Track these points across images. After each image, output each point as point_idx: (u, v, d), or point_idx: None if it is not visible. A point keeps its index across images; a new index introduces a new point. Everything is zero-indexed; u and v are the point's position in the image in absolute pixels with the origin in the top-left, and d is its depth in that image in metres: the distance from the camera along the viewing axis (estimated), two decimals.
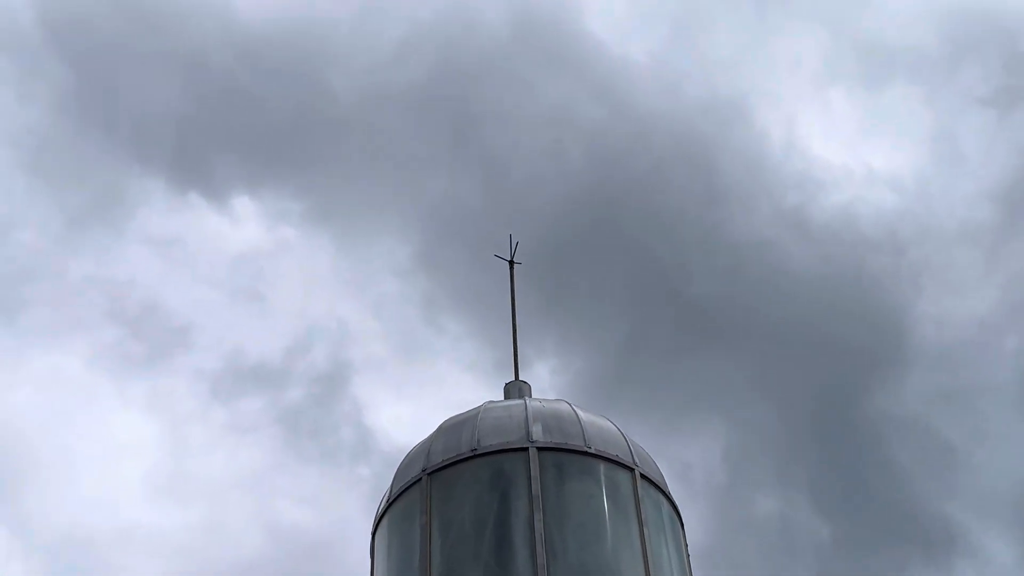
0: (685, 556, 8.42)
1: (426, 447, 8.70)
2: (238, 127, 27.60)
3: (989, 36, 28.30)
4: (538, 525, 7.80)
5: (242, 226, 28.37)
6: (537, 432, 8.38)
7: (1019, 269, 27.16)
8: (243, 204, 28.30)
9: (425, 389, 28.30)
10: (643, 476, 8.49)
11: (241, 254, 28.33)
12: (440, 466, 8.43)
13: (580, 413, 8.64)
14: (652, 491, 8.47)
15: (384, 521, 8.71)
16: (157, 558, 26.22)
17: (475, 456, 8.36)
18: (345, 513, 27.14)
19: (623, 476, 8.42)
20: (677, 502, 8.77)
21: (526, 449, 8.27)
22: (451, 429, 8.74)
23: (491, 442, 8.40)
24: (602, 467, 8.37)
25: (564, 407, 8.70)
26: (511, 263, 10.66)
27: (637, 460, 8.55)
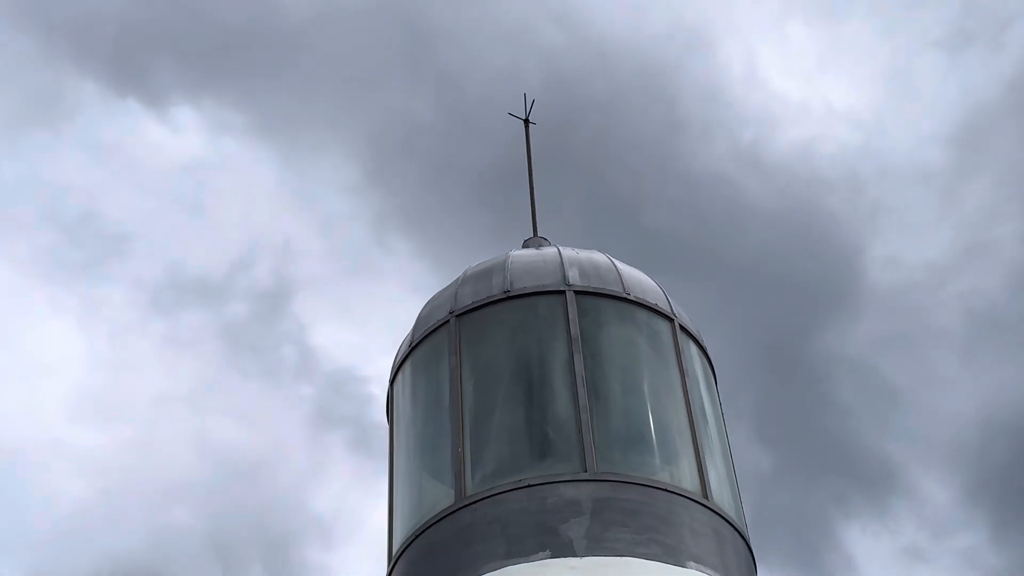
0: (720, 413, 8.01)
1: (451, 292, 8.16)
2: (183, 34, 26.37)
3: None
4: (578, 367, 7.33)
5: (183, 135, 27.20)
6: (574, 276, 7.89)
7: (971, 213, 27.24)
8: (184, 113, 27.01)
9: (372, 310, 27.68)
10: (682, 328, 8.06)
11: (183, 164, 27.17)
12: (469, 308, 7.90)
13: (616, 263, 8.15)
14: (691, 344, 8.04)
15: (405, 368, 8.17)
16: (81, 476, 25.32)
17: (508, 298, 7.84)
18: (282, 434, 26.50)
19: (662, 325, 7.98)
20: None
21: (563, 292, 7.77)
22: (478, 274, 8.21)
23: (524, 284, 7.89)
24: (642, 315, 7.91)
25: (599, 256, 8.22)
26: (526, 122, 10.12)
27: (676, 311, 8.10)
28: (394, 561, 7.26)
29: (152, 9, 25.98)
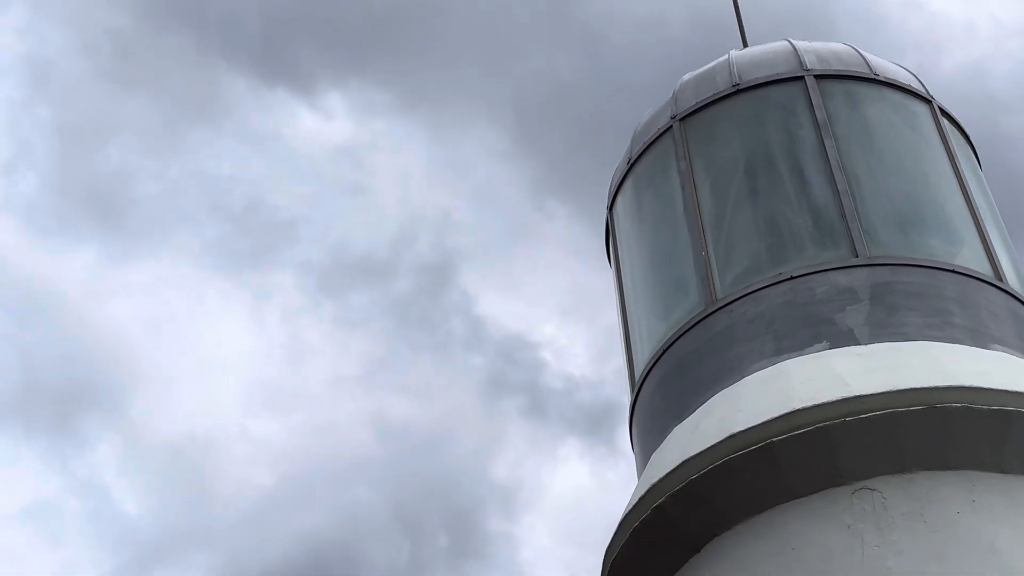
0: (994, 205, 6.93)
1: (669, 100, 7.28)
2: (323, 19, 25.86)
3: None
4: (831, 151, 6.38)
5: (333, 119, 26.74)
6: (811, 61, 6.93)
7: None
8: (332, 97, 26.63)
9: (535, 276, 26.88)
10: (943, 111, 7.02)
11: (336, 147, 26.75)
12: (694, 108, 7.02)
13: (859, 49, 7.14)
14: (953, 129, 6.99)
15: (625, 187, 7.35)
16: (264, 463, 25.27)
17: (738, 92, 6.93)
18: (456, 406, 25.96)
19: (920, 108, 6.95)
20: None
21: (801, 78, 6.82)
22: (697, 78, 7.32)
23: (755, 76, 6.97)
24: (895, 96, 6.91)
25: (838, 44, 7.22)
26: None
27: (932, 95, 7.07)
28: (638, 387, 6.48)
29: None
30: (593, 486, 25.86)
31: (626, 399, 6.71)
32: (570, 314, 27.36)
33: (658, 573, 5.59)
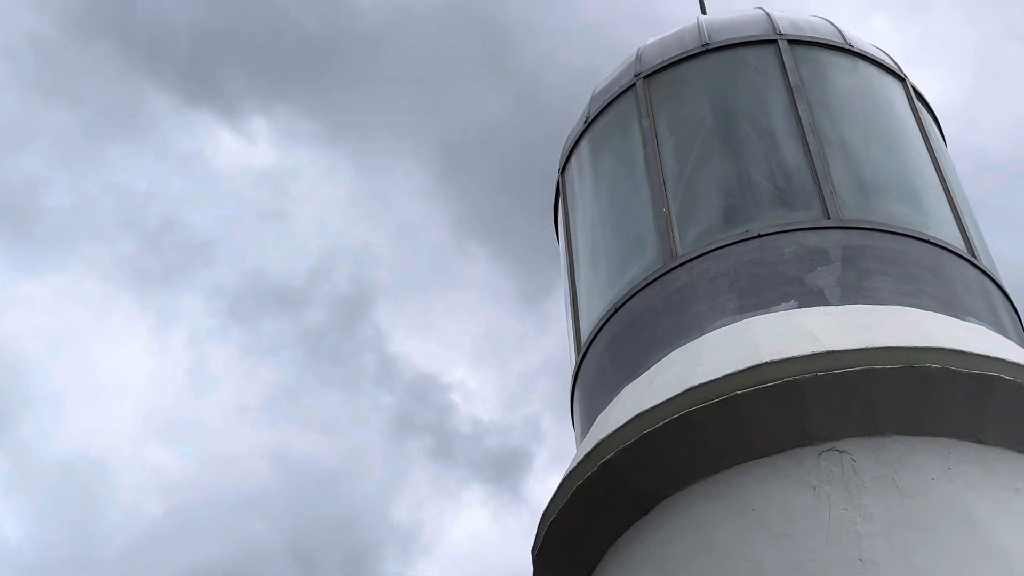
0: (960, 185, 6.64)
1: (633, 61, 6.91)
2: (254, 42, 25.11)
3: None
4: (804, 114, 6.06)
5: (256, 144, 25.97)
6: (785, 26, 6.62)
7: None
8: (257, 122, 25.72)
9: (451, 316, 26.27)
10: (915, 91, 6.75)
11: (258, 172, 25.93)
12: (660, 66, 6.66)
13: (834, 23, 6.85)
14: (924, 111, 6.73)
15: (581, 146, 6.94)
16: (157, 491, 24.25)
17: (708, 51, 6.59)
18: (361, 443, 25.19)
19: (894, 83, 6.68)
20: None
21: (774, 41, 6.50)
22: (663, 38, 6.97)
23: (726, 36, 6.64)
24: (869, 70, 6.62)
25: (815, 16, 6.91)
26: None
27: (904, 72, 6.80)
28: (584, 350, 6.05)
29: (224, 17, 24.82)
30: (494, 534, 25.24)
31: (535, 446, 6.25)
32: (484, 358, 26.82)
33: (600, 538, 5.14)
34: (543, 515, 5.34)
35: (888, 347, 4.69)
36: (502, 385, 26.49)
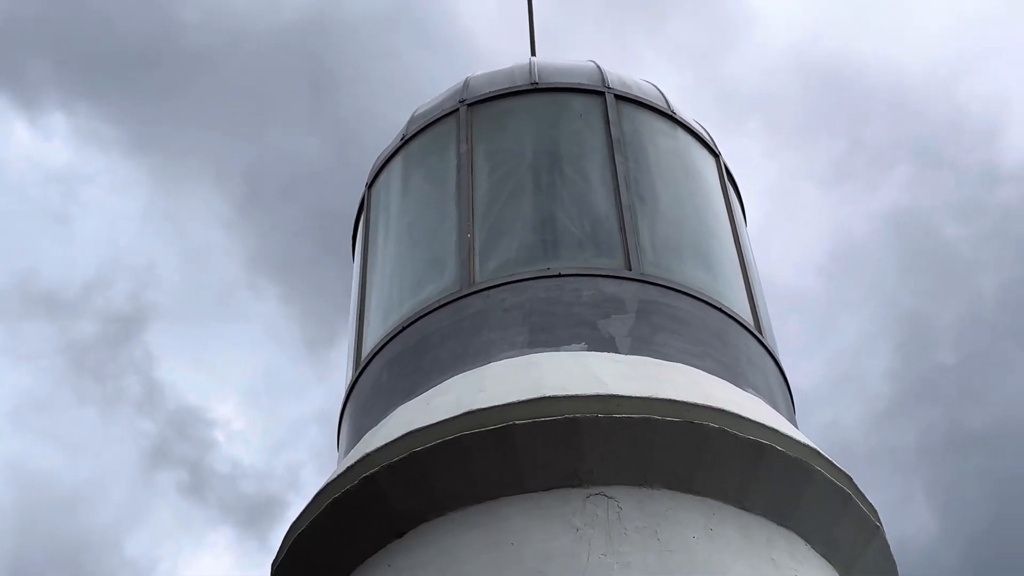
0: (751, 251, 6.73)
1: (459, 87, 6.80)
2: (66, 36, 23.88)
3: None
4: (620, 167, 6.06)
5: (51, 140, 24.64)
6: (615, 82, 6.64)
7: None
8: (55, 118, 24.31)
9: (228, 352, 25.41)
10: (727, 168, 6.87)
11: (49, 170, 24.52)
12: (487, 96, 6.56)
13: (662, 90, 6.93)
14: (732, 188, 6.85)
15: (394, 163, 6.75)
16: None
17: (536, 90, 6.54)
18: (109, 467, 23.92)
19: (707, 157, 6.78)
20: None
21: (603, 93, 6.51)
22: (493, 72, 6.89)
23: (556, 80, 6.61)
24: (687, 139, 6.70)
25: (644, 80, 6.97)
26: None
27: (719, 150, 6.92)
28: (363, 366, 5.81)
29: (38, 4, 23.61)
30: None
31: (292, 496, 5.97)
32: (255, 398, 25.91)
33: (348, 558, 4.86)
34: (291, 527, 5.03)
35: (671, 400, 4.64)
36: (269, 429, 25.64)
